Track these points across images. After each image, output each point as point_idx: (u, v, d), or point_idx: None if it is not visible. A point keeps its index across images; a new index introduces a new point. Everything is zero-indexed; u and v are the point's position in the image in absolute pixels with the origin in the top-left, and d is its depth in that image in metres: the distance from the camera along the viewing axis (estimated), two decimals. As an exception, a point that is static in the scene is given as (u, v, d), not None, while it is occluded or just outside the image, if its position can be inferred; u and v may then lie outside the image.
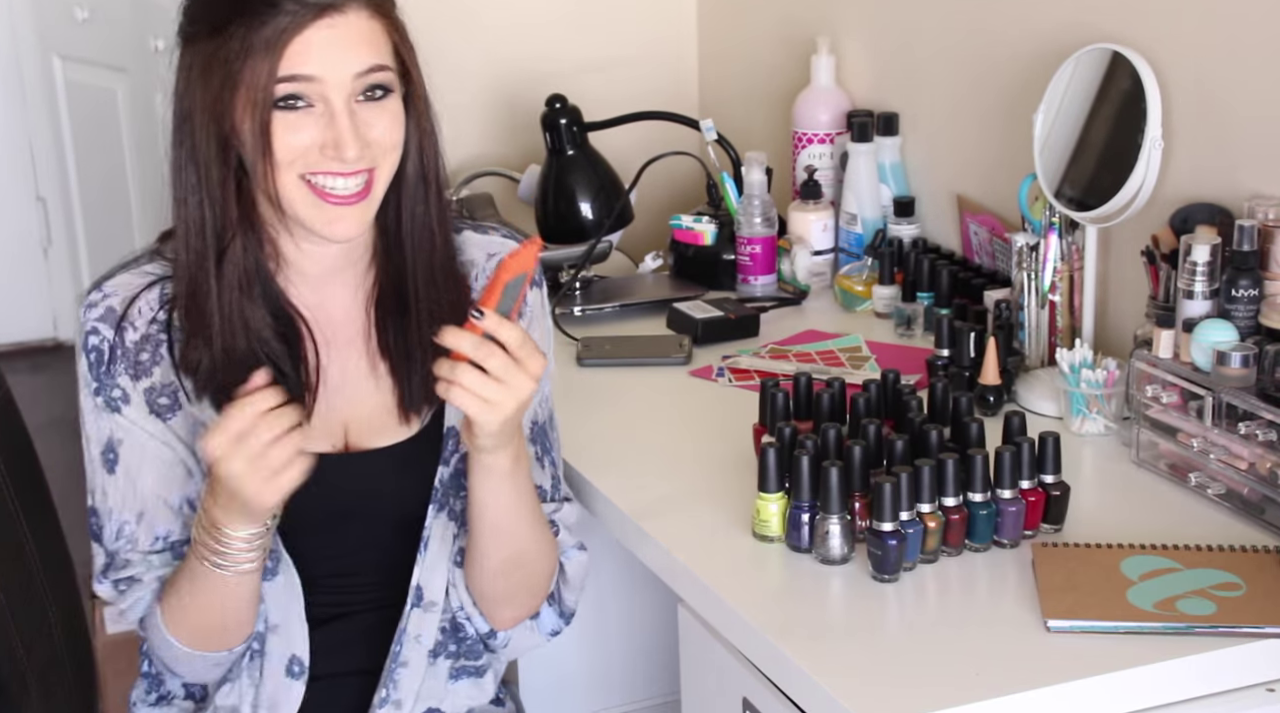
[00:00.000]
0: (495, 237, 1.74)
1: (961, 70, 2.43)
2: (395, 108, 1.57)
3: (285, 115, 1.52)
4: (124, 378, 1.61)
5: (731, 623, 1.63)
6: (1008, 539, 1.70)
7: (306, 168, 1.54)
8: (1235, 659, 1.52)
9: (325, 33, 1.51)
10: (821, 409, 1.87)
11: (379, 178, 1.57)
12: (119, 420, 1.62)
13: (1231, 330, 1.78)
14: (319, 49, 1.51)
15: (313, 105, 1.53)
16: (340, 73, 1.52)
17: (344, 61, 1.52)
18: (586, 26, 3.02)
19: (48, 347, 4.97)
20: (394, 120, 1.57)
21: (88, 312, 1.62)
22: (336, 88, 1.52)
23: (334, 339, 1.65)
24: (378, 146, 1.56)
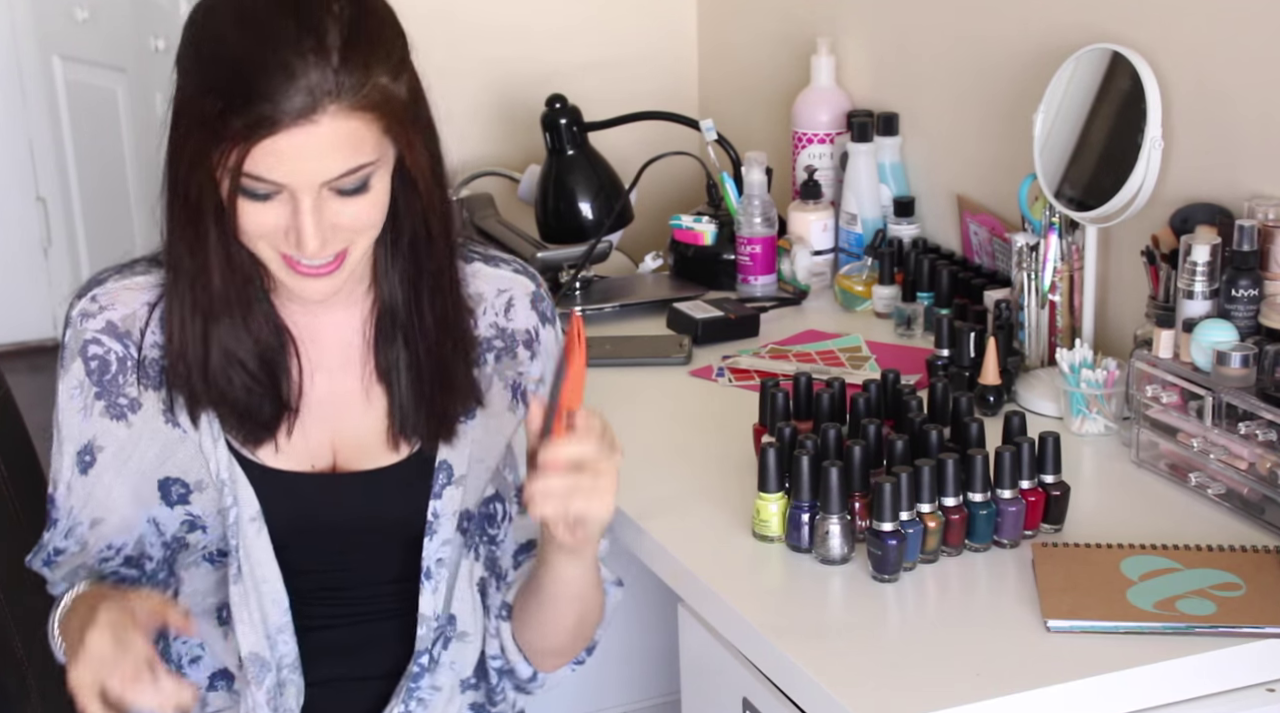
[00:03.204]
0: (506, 271, 1.68)
1: (961, 70, 2.43)
2: (375, 192, 1.49)
3: (245, 201, 1.46)
4: (134, 387, 1.58)
5: (731, 623, 1.63)
6: (1008, 539, 1.70)
7: (273, 244, 1.49)
8: (1235, 659, 1.52)
9: (297, 140, 1.42)
10: (821, 409, 1.87)
11: (353, 254, 1.51)
12: (111, 427, 1.58)
13: (1231, 330, 1.78)
14: (288, 157, 1.42)
15: (279, 195, 1.45)
16: (307, 181, 1.44)
17: (312, 171, 1.44)
18: (586, 26, 3.02)
19: (48, 347, 4.97)
20: (371, 205, 1.49)
21: (85, 321, 1.59)
22: (303, 188, 1.45)
23: (326, 358, 1.61)
24: (348, 230, 1.49)
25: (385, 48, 1.48)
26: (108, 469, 1.59)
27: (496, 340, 1.65)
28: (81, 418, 1.59)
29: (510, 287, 1.67)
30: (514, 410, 1.66)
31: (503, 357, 1.66)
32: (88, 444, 1.59)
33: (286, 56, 1.41)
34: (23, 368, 4.77)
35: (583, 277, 2.52)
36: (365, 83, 1.44)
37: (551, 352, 1.69)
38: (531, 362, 1.66)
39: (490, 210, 2.81)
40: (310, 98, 1.41)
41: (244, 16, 1.44)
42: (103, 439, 1.59)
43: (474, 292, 1.65)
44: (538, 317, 1.68)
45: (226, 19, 1.46)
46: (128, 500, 1.60)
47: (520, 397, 1.66)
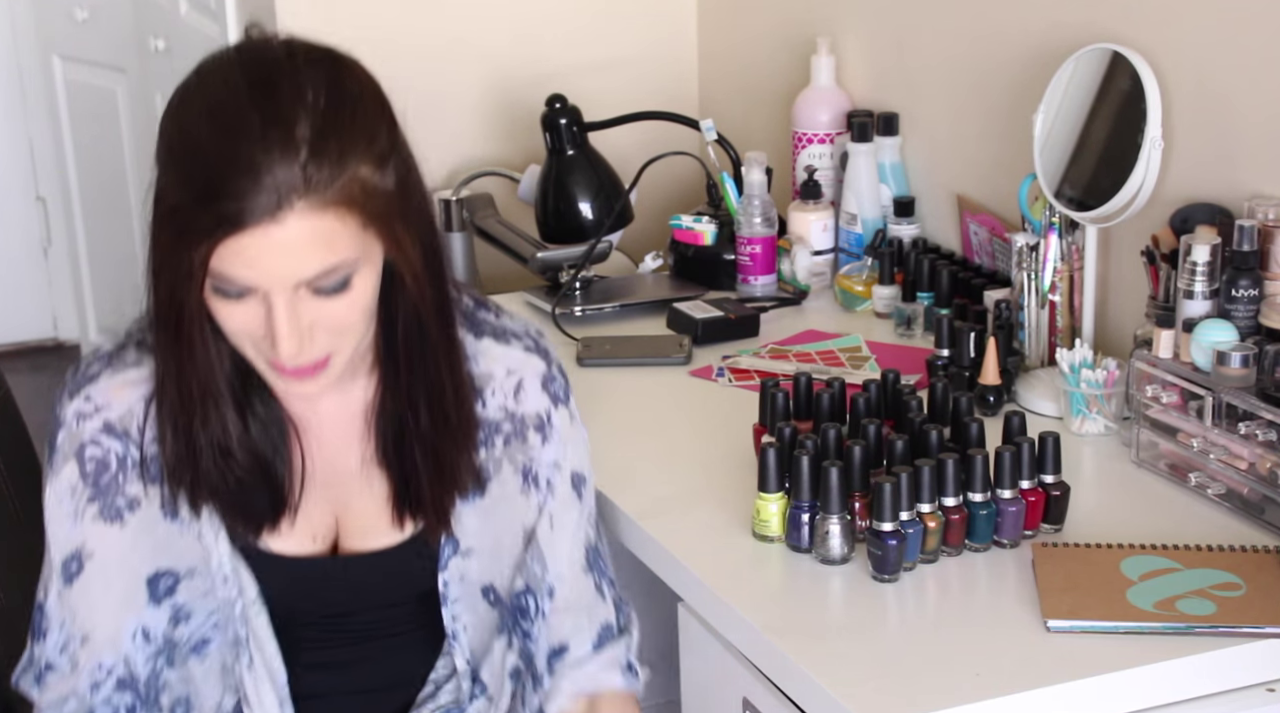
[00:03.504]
0: (517, 349, 1.60)
1: (961, 70, 2.43)
2: (357, 291, 1.40)
3: (222, 301, 1.39)
4: (137, 485, 1.53)
5: (731, 623, 1.63)
6: (1008, 539, 1.70)
7: (254, 345, 1.42)
8: (1235, 659, 1.52)
9: (263, 240, 1.33)
10: (821, 409, 1.87)
11: (338, 356, 1.44)
12: (103, 531, 1.52)
13: (1231, 330, 1.77)
14: (256, 258, 1.34)
15: (253, 295, 1.38)
16: (278, 282, 1.36)
17: (283, 272, 1.35)
18: (586, 26, 3.02)
19: (48, 347, 4.97)
20: (351, 307, 1.41)
21: (81, 422, 1.52)
22: (275, 290, 1.36)
23: (327, 437, 1.56)
24: (329, 332, 1.41)
25: (366, 136, 1.39)
26: (96, 578, 1.53)
27: (505, 424, 1.59)
28: (71, 524, 1.53)
29: (520, 368, 1.60)
30: (527, 495, 1.60)
31: (512, 440, 1.60)
32: (75, 552, 1.53)
33: (251, 152, 1.33)
34: (23, 368, 4.77)
35: (583, 277, 2.52)
36: (339, 177, 1.35)
37: (567, 434, 1.62)
38: (544, 446, 1.60)
39: (490, 210, 2.81)
40: (275, 195, 1.32)
41: (213, 108, 1.38)
42: (92, 544, 1.53)
43: (483, 371, 1.58)
44: (549, 399, 1.61)
45: (197, 109, 1.39)
46: (115, 609, 1.54)
47: (533, 482, 1.60)
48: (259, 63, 1.40)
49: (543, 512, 1.61)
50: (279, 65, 1.39)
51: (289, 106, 1.35)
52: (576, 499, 1.63)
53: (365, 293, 1.42)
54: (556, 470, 1.61)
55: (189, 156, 1.37)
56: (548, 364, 1.62)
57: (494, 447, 1.59)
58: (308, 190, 1.33)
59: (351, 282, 1.40)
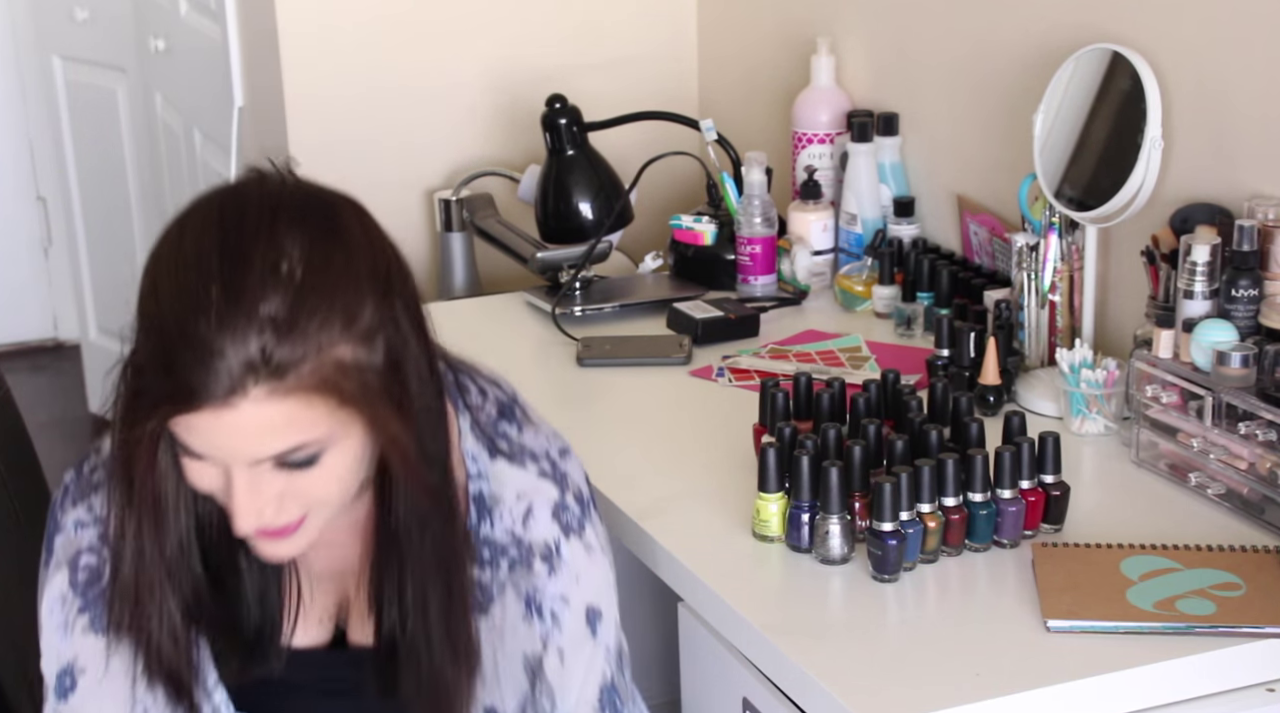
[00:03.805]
0: (530, 473, 1.49)
1: (961, 70, 2.43)
2: (332, 464, 1.31)
3: (185, 457, 1.31)
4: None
5: (731, 623, 1.63)
6: (1008, 539, 1.70)
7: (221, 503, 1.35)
8: (1235, 659, 1.52)
9: (211, 423, 1.25)
10: (821, 409, 1.87)
11: (312, 522, 1.35)
12: (94, 643, 1.46)
13: (1231, 330, 1.77)
14: (208, 436, 1.27)
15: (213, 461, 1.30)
16: (232, 456, 1.28)
17: (237, 452, 1.27)
18: (586, 26, 3.02)
19: (48, 347, 4.97)
20: (329, 480, 1.32)
21: (80, 531, 1.46)
22: (232, 464, 1.29)
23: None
24: (301, 501, 1.33)
25: (347, 314, 1.28)
26: (90, 695, 1.47)
27: (512, 548, 1.48)
28: (61, 637, 1.48)
29: (530, 493, 1.48)
30: (530, 624, 1.49)
31: (517, 567, 1.48)
32: (68, 666, 1.48)
33: (207, 331, 1.24)
34: (23, 368, 4.77)
35: (583, 277, 2.52)
36: (306, 360, 1.25)
37: (579, 567, 1.49)
38: (550, 577, 1.48)
39: (490, 210, 2.81)
40: (228, 380, 1.23)
41: (181, 269, 1.28)
42: (84, 659, 1.47)
43: (492, 492, 1.48)
44: (560, 528, 1.49)
45: (167, 266, 1.29)
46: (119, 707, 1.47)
47: (537, 612, 1.49)
48: (238, 223, 1.29)
49: (549, 646, 1.49)
50: (259, 227, 1.28)
51: (257, 281, 1.25)
52: (590, 635, 1.50)
53: (342, 467, 1.33)
54: (565, 605, 1.49)
55: (151, 319, 1.29)
56: (561, 491, 1.50)
57: (499, 569, 1.49)
58: (267, 375, 1.24)
59: (321, 458, 1.30)
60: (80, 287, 4.36)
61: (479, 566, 1.48)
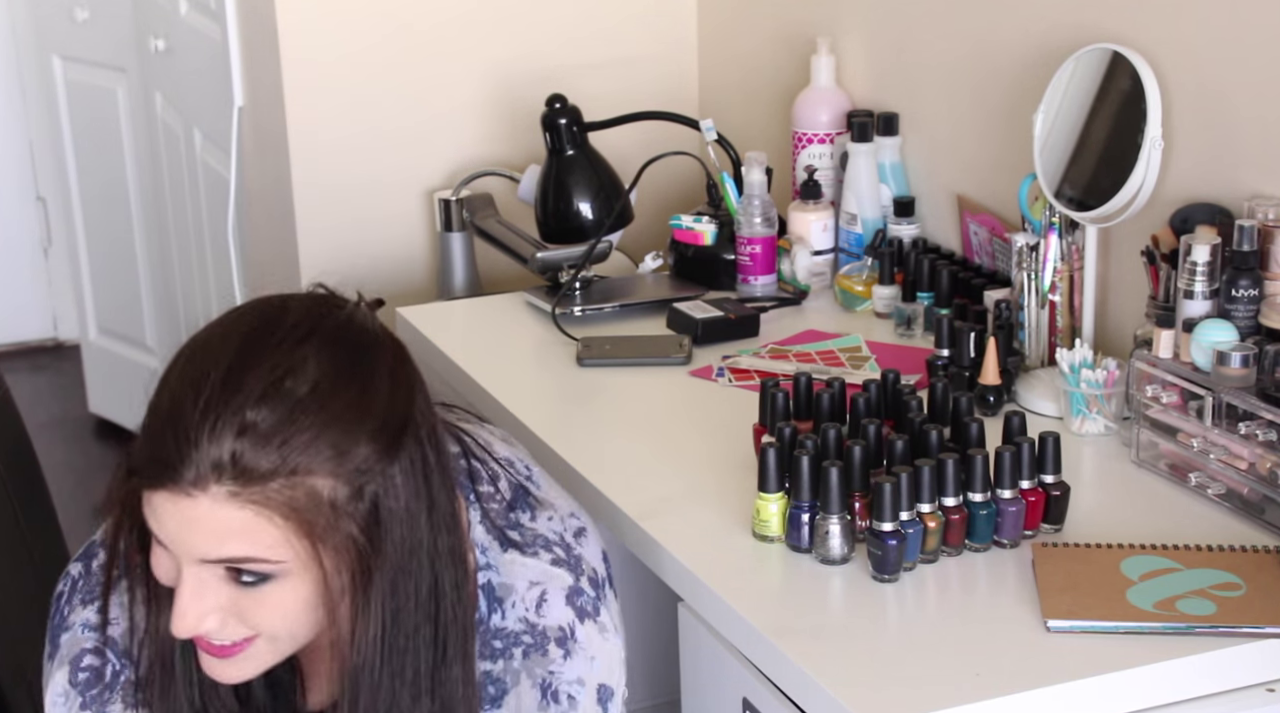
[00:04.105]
0: (544, 562, 1.48)
1: (961, 70, 2.43)
2: (284, 594, 1.28)
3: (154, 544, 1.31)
4: (117, 706, 1.46)
5: (731, 623, 1.63)
6: (1008, 539, 1.70)
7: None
8: (1235, 659, 1.52)
9: (169, 505, 1.25)
10: (821, 409, 1.87)
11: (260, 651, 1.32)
12: None
13: (1231, 330, 1.77)
14: (165, 519, 1.26)
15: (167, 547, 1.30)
16: (184, 549, 1.27)
17: (189, 544, 1.26)
18: (586, 26, 3.01)
19: (48, 347, 4.97)
20: (279, 611, 1.29)
21: (86, 632, 1.45)
22: (184, 557, 1.28)
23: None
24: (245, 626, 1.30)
25: (341, 446, 1.27)
26: None
27: (525, 635, 1.47)
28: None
29: (544, 580, 1.47)
30: (545, 710, 1.47)
31: (531, 653, 1.47)
32: None
33: (192, 414, 1.25)
34: (23, 368, 4.77)
35: (583, 277, 2.52)
36: (277, 475, 1.24)
37: (595, 649, 1.48)
38: (565, 661, 1.47)
39: (490, 210, 2.81)
40: (195, 470, 1.24)
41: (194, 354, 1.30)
42: None
43: (503, 582, 1.47)
44: (574, 613, 1.47)
45: (187, 353, 1.32)
46: None
47: (553, 697, 1.47)
48: (270, 328, 1.30)
49: None
50: (286, 338, 1.29)
51: (258, 383, 1.25)
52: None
53: (291, 602, 1.29)
54: (581, 687, 1.48)
55: (156, 393, 1.30)
56: (576, 577, 1.48)
57: (512, 658, 1.48)
58: (232, 477, 1.24)
59: (271, 583, 1.28)
60: (80, 287, 4.36)
61: (490, 658, 1.47)
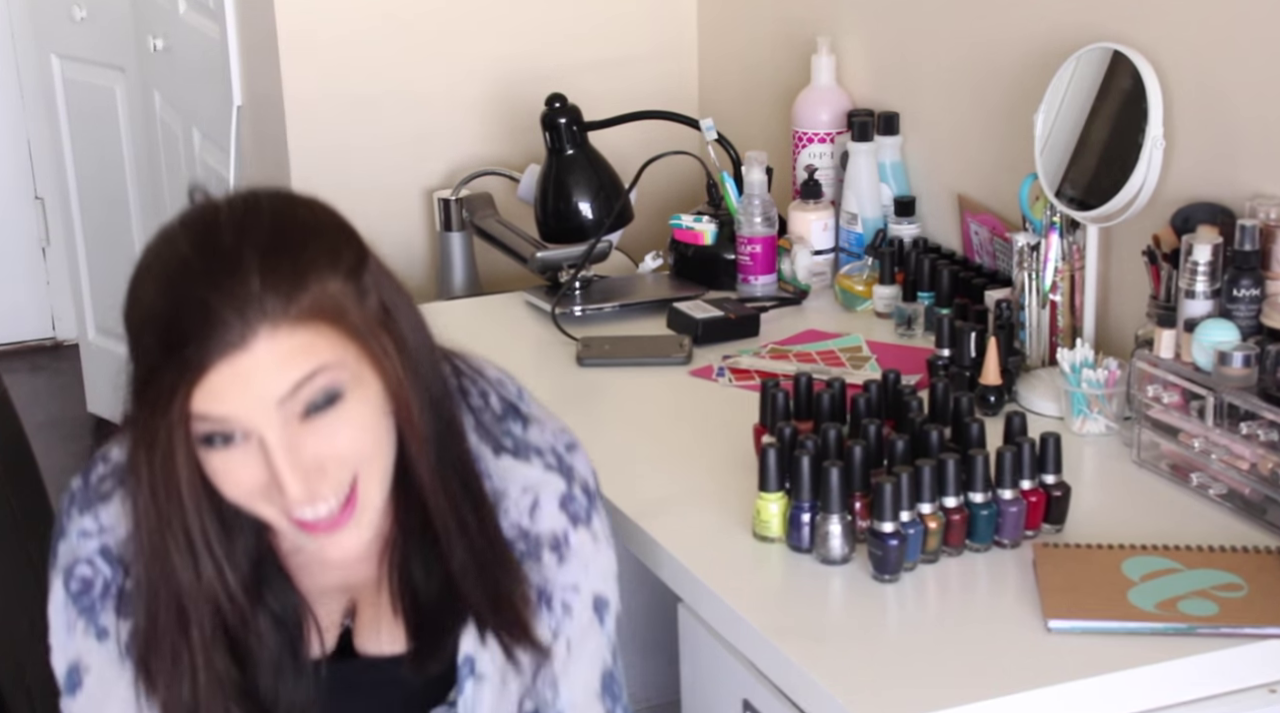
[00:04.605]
0: (536, 467, 1.50)
1: (962, 70, 2.42)
2: (357, 409, 1.33)
3: (213, 455, 1.32)
4: (109, 616, 1.48)
5: (731, 623, 1.63)
6: (1008, 539, 1.70)
7: (269, 502, 1.34)
8: (1237, 660, 1.52)
9: (228, 373, 1.28)
10: (822, 409, 1.87)
11: (366, 489, 1.36)
12: (95, 647, 1.48)
13: (1233, 330, 1.77)
14: (228, 391, 1.29)
15: (244, 439, 1.31)
16: (258, 407, 1.30)
17: (260, 395, 1.29)
18: (586, 26, 3.01)
19: (46, 347, 4.97)
20: (357, 426, 1.34)
21: (83, 540, 1.47)
22: (261, 421, 1.30)
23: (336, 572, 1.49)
24: (343, 463, 1.34)
25: (327, 254, 1.33)
26: (95, 692, 1.49)
27: (519, 543, 1.49)
28: (66, 635, 1.49)
29: (536, 486, 1.49)
30: (540, 618, 1.49)
31: (525, 560, 1.49)
32: (73, 665, 1.49)
33: (201, 293, 1.29)
34: (22, 368, 4.77)
35: (583, 277, 2.52)
36: (301, 291, 1.30)
37: (588, 556, 1.50)
38: (560, 567, 1.49)
39: (490, 210, 2.81)
40: (237, 325, 1.28)
41: (159, 274, 1.33)
42: (87, 659, 1.49)
43: (497, 488, 1.49)
44: (568, 518, 1.49)
45: (147, 285, 1.34)
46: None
47: (547, 604, 1.49)
48: (200, 220, 1.35)
49: (558, 637, 1.50)
50: (219, 214, 1.34)
51: (232, 242, 1.31)
52: (598, 624, 1.51)
53: (366, 415, 1.34)
54: (575, 594, 1.50)
55: (144, 327, 1.32)
56: (569, 483, 1.51)
57: None
58: (269, 311, 1.28)
59: (343, 396, 1.32)
60: (79, 286, 4.36)
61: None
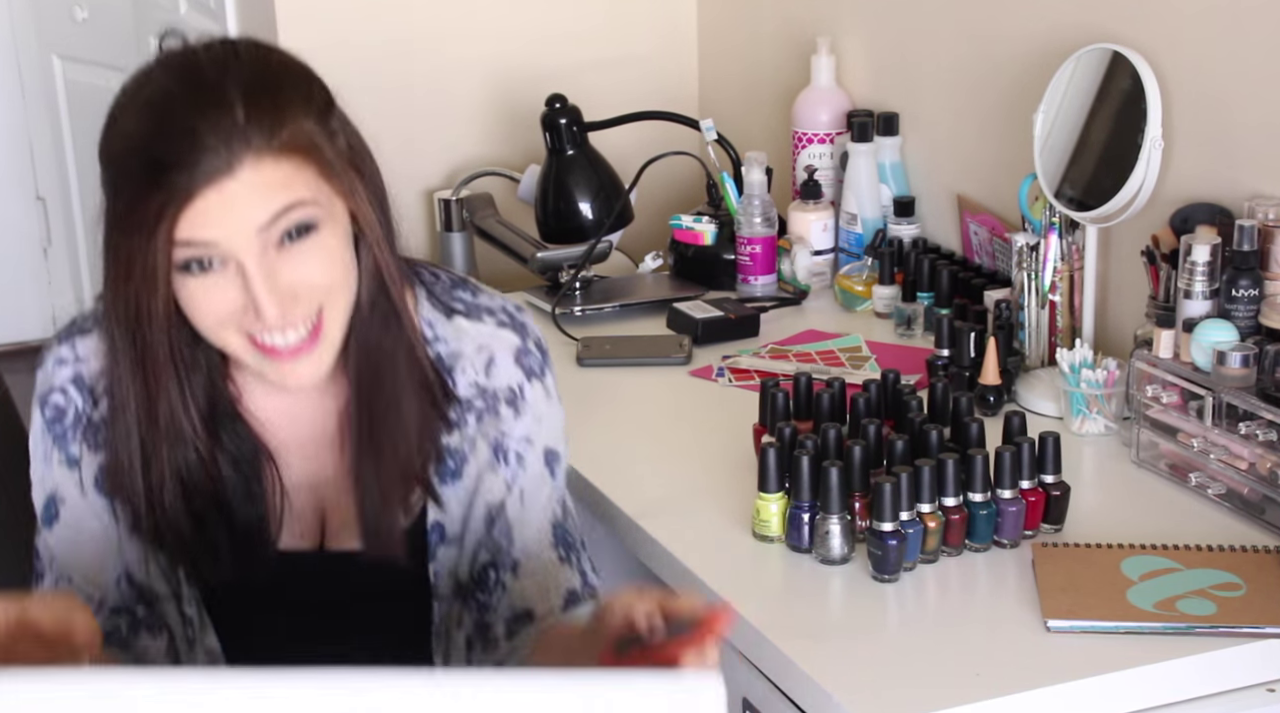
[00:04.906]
0: (489, 325, 1.56)
1: (961, 70, 2.43)
2: (328, 242, 1.40)
3: (191, 280, 1.38)
4: (78, 446, 1.54)
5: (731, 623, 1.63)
6: (1008, 539, 1.70)
7: (240, 327, 1.40)
8: (1236, 660, 1.52)
9: (215, 197, 1.34)
10: (821, 409, 1.87)
11: (330, 318, 1.42)
12: (70, 476, 1.54)
13: (1232, 330, 1.77)
14: (214, 213, 1.35)
15: (222, 265, 1.38)
16: (241, 233, 1.36)
17: (243, 220, 1.36)
18: (586, 26, 3.01)
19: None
20: (328, 257, 1.40)
21: (58, 368, 1.55)
22: (242, 247, 1.36)
23: (305, 446, 1.54)
24: (314, 291, 1.40)
25: (300, 94, 1.41)
26: (70, 523, 1.55)
27: (477, 400, 1.54)
28: (44, 466, 1.56)
29: (490, 343, 1.55)
30: (495, 470, 1.55)
31: (484, 417, 1.54)
32: (51, 495, 1.55)
33: (188, 121, 1.35)
34: (22, 368, 4.75)
35: (583, 277, 2.52)
36: (279, 125, 1.37)
37: (541, 410, 1.57)
38: (515, 420, 1.55)
39: (490, 210, 2.81)
40: (222, 152, 1.34)
41: (142, 105, 1.40)
42: (63, 490, 1.55)
43: (452, 350, 1.55)
44: (523, 372, 1.56)
45: (128, 115, 1.42)
46: (95, 552, 1.54)
47: (503, 457, 1.55)
48: (181, 60, 1.42)
49: (512, 488, 1.55)
50: (198, 55, 1.41)
51: (215, 78, 1.38)
52: (549, 476, 1.58)
53: (335, 248, 1.41)
54: (529, 446, 1.56)
55: (129, 154, 1.40)
56: (523, 338, 1.57)
57: (467, 425, 1.54)
58: (253, 142, 1.35)
59: (316, 228, 1.39)
60: (80, 287, 4.36)
61: (446, 431, 1.53)
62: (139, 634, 1.55)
